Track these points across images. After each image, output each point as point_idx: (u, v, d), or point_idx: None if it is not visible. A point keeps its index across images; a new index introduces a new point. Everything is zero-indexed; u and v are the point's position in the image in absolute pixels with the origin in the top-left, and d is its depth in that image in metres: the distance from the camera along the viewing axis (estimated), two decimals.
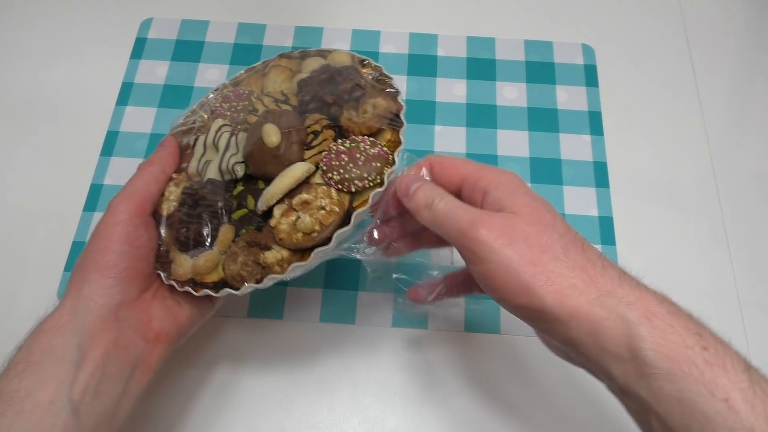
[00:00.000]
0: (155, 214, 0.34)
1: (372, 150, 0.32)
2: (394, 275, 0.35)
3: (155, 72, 0.53)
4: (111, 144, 0.49)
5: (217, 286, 0.32)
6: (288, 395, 0.40)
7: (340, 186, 0.32)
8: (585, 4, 0.57)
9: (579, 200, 0.47)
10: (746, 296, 0.44)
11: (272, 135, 0.32)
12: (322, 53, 0.39)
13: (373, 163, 0.32)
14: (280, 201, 0.32)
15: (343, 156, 0.32)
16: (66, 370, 0.27)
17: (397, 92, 0.35)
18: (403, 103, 0.35)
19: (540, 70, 0.53)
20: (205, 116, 0.37)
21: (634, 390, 0.25)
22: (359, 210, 0.31)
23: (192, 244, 0.33)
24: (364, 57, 0.38)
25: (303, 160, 0.33)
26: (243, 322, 0.43)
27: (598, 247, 0.46)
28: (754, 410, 0.22)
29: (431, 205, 0.30)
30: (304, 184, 0.33)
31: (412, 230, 0.35)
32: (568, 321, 0.26)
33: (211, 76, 0.53)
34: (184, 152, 0.37)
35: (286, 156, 0.33)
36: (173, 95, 0.52)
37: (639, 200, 0.48)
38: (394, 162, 0.33)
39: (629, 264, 0.45)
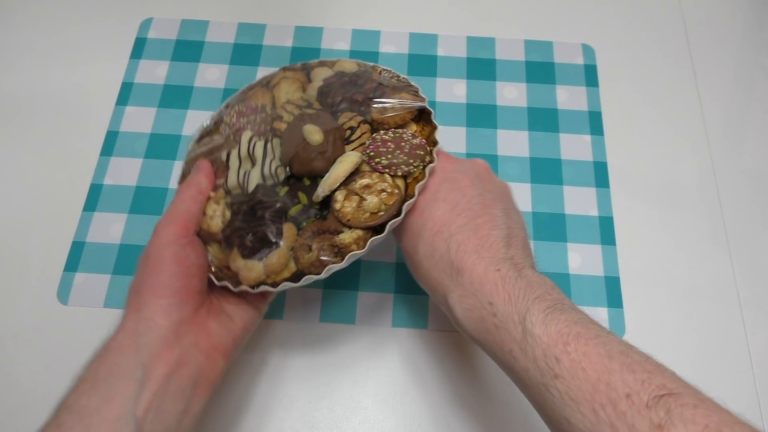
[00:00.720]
0: (201, 233, 0.36)
1: (414, 141, 0.36)
2: None
3: (155, 72, 0.53)
4: (111, 144, 0.49)
5: (296, 277, 0.34)
6: (288, 395, 0.40)
7: (387, 170, 0.35)
8: (585, 4, 0.57)
9: (579, 200, 0.47)
10: (746, 296, 0.44)
11: (315, 134, 0.35)
12: (326, 63, 0.41)
13: (417, 152, 0.35)
14: (337, 188, 0.35)
15: (389, 144, 0.35)
16: (130, 389, 0.28)
17: (417, 88, 0.38)
18: (425, 96, 0.37)
19: (540, 70, 0.53)
20: (223, 136, 0.39)
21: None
22: (409, 201, 0.34)
23: (259, 247, 0.34)
24: (372, 63, 0.40)
25: (342, 152, 0.36)
26: None
27: (598, 247, 0.46)
28: (545, 327, 0.27)
29: None
30: (356, 172, 0.35)
31: None
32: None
33: (211, 76, 0.53)
34: (215, 171, 0.38)
35: (331, 152, 0.35)
36: (173, 95, 0.52)
37: (639, 200, 0.48)
38: (435, 146, 0.36)
39: (629, 264, 0.45)
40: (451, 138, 0.50)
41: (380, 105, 0.36)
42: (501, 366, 0.30)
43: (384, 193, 0.34)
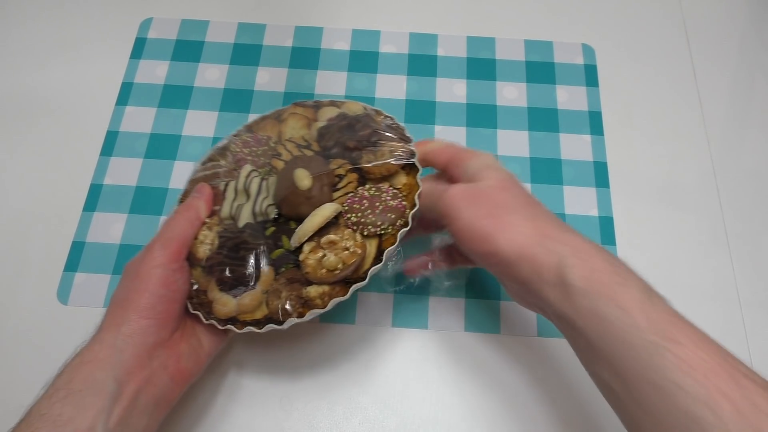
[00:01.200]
0: (190, 257, 0.37)
1: (392, 202, 0.36)
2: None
3: (155, 72, 0.53)
4: (111, 144, 0.49)
5: (260, 323, 0.35)
6: (288, 395, 0.40)
7: (354, 227, 0.36)
8: (585, 4, 0.57)
9: (579, 200, 0.47)
10: (746, 296, 0.44)
11: (304, 179, 0.36)
12: (336, 103, 0.42)
13: (389, 214, 0.35)
14: (310, 239, 0.35)
15: (365, 201, 0.36)
16: (104, 401, 0.30)
17: (410, 139, 0.38)
18: (416, 149, 0.38)
19: (540, 69, 0.53)
20: (227, 162, 0.40)
21: (563, 312, 0.30)
22: (389, 248, 0.35)
23: (236, 284, 0.35)
24: (376, 108, 0.41)
25: (332, 200, 0.37)
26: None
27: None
28: (644, 314, 0.28)
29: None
30: (333, 224, 0.36)
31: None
32: (517, 260, 0.31)
33: (211, 76, 0.53)
34: (214, 196, 0.39)
35: (318, 198, 0.36)
36: (173, 95, 0.52)
37: (639, 200, 0.48)
38: (413, 207, 0.36)
39: (629, 263, 0.45)
40: (451, 138, 0.49)
41: (369, 154, 0.37)
42: (598, 319, 0.29)
43: (346, 252, 0.34)
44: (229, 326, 0.35)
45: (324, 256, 0.35)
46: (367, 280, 0.34)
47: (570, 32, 0.56)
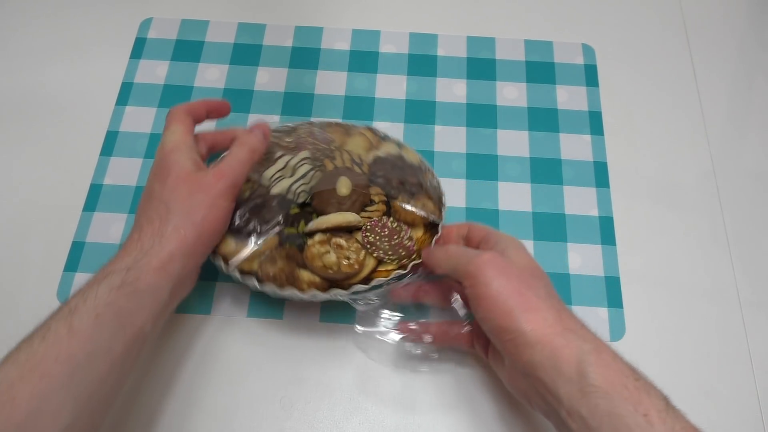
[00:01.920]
0: None
1: (407, 242, 0.40)
2: (384, 311, 0.41)
3: (155, 72, 0.53)
4: (111, 144, 0.49)
5: (243, 273, 0.39)
6: (288, 395, 0.40)
7: (368, 245, 0.39)
8: (585, 4, 0.57)
9: (579, 200, 0.47)
10: (746, 296, 0.44)
11: (344, 187, 0.41)
12: (401, 145, 0.45)
13: (400, 250, 0.39)
14: (323, 231, 0.39)
15: (385, 230, 0.40)
16: (158, 305, 0.35)
17: (443, 205, 0.42)
18: (444, 215, 0.41)
19: (540, 69, 0.53)
20: (290, 140, 0.44)
21: (576, 409, 0.29)
22: (379, 278, 0.38)
23: (244, 232, 0.40)
24: (430, 166, 0.44)
25: (360, 216, 0.40)
26: (243, 323, 0.43)
27: (598, 247, 0.46)
28: (665, 425, 0.28)
29: (446, 249, 0.38)
30: (347, 233, 0.40)
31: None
32: (535, 344, 0.31)
33: (211, 76, 0.53)
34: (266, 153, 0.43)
35: (347, 207, 0.40)
36: (173, 95, 0.52)
37: (639, 200, 0.48)
38: (418, 258, 0.39)
39: (629, 264, 0.45)
40: (451, 138, 0.50)
41: (405, 197, 0.41)
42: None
43: (346, 260, 0.38)
44: (219, 263, 0.39)
45: (327, 252, 0.38)
46: (347, 292, 0.38)
47: (570, 32, 0.56)
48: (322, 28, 0.55)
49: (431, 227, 0.41)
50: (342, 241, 0.39)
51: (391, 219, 0.41)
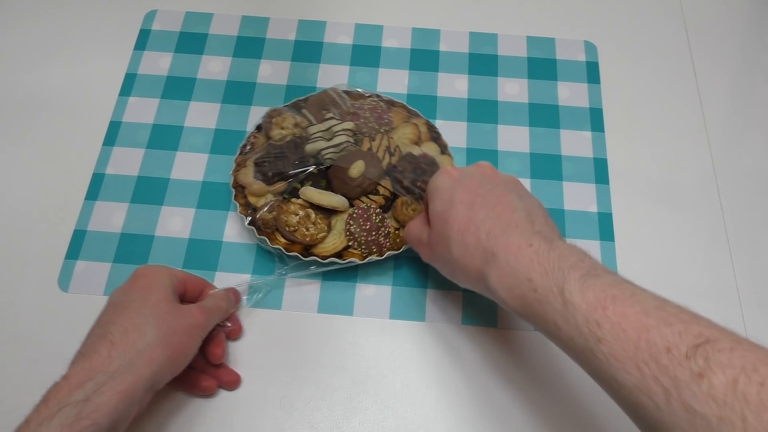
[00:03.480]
0: (268, 126, 0.47)
1: (382, 239, 0.43)
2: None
3: (158, 63, 0.53)
4: (113, 134, 0.50)
5: (248, 207, 0.44)
6: (288, 395, 0.40)
7: (348, 234, 0.43)
8: (587, 2, 0.57)
9: (578, 196, 0.47)
10: (746, 296, 0.44)
11: (356, 169, 0.43)
12: (444, 149, 0.47)
13: (373, 247, 0.42)
14: (309, 204, 0.43)
15: (368, 223, 0.43)
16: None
17: None
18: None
19: (542, 66, 0.53)
20: (349, 105, 0.47)
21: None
22: (352, 258, 0.42)
23: (261, 171, 0.45)
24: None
25: (357, 199, 0.44)
26: (243, 315, 0.43)
27: (597, 242, 0.46)
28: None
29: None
30: (326, 210, 0.43)
31: None
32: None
33: (214, 68, 0.53)
34: (324, 106, 0.47)
35: (350, 188, 0.43)
36: (176, 87, 0.52)
37: (638, 197, 0.48)
38: (380, 255, 0.43)
39: (628, 261, 0.45)
40: (451, 133, 0.50)
41: (409, 199, 0.43)
42: (547, 336, 0.31)
43: (305, 230, 0.42)
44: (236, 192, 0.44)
45: (296, 214, 0.42)
46: (323, 261, 0.42)
47: (572, 29, 0.56)
48: (325, 22, 0.56)
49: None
50: (312, 214, 0.43)
51: (376, 213, 0.43)
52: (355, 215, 0.43)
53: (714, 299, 0.44)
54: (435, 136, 0.47)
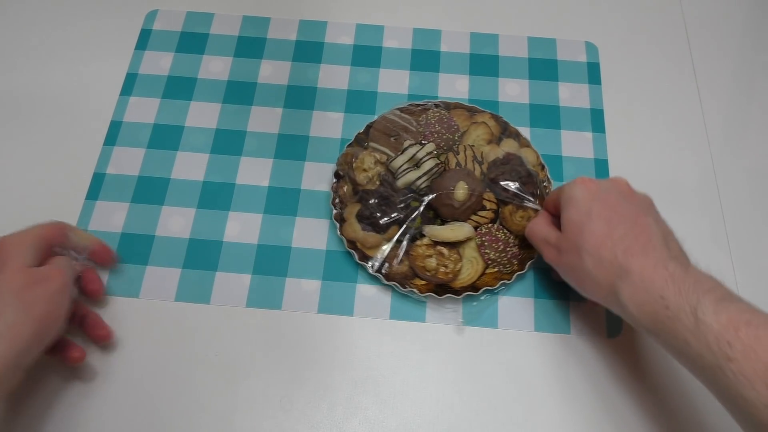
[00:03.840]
0: (350, 174, 0.46)
1: (514, 248, 0.44)
2: None
3: (159, 63, 0.53)
4: (114, 134, 0.50)
5: (366, 257, 0.43)
6: (288, 395, 0.40)
7: (489, 262, 0.43)
8: (589, 2, 0.57)
9: None
10: (746, 296, 0.44)
11: (461, 192, 0.43)
12: (519, 138, 0.47)
13: (513, 259, 0.43)
14: (434, 241, 0.43)
15: (499, 243, 0.43)
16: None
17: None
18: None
19: (543, 66, 0.53)
20: (417, 124, 0.48)
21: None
22: (486, 286, 0.42)
23: (368, 222, 0.43)
24: (545, 164, 0.47)
25: (469, 219, 0.44)
26: (242, 315, 0.43)
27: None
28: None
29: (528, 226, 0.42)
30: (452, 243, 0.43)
31: None
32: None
33: (214, 68, 0.53)
34: (391, 132, 0.47)
35: (460, 211, 0.43)
36: (177, 87, 0.52)
37: None
38: (531, 259, 0.43)
39: None
40: None
41: (513, 207, 0.44)
42: (674, 354, 0.33)
43: (443, 268, 0.42)
44: (351, 250, 0.43)
45: (430, 256, 0.42)
46: (459, 297, 0.42)
47: (573, 30, 0.56)
48: (326, 22, 0.56)
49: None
50: (444, 250, 0.43)
51: (497, 229, 0.44)
52: (486, 242, 0.43)
53: None
54: (504, 126, 0.48)
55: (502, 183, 0.44)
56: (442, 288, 0.42)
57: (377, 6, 0.57)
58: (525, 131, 0.50)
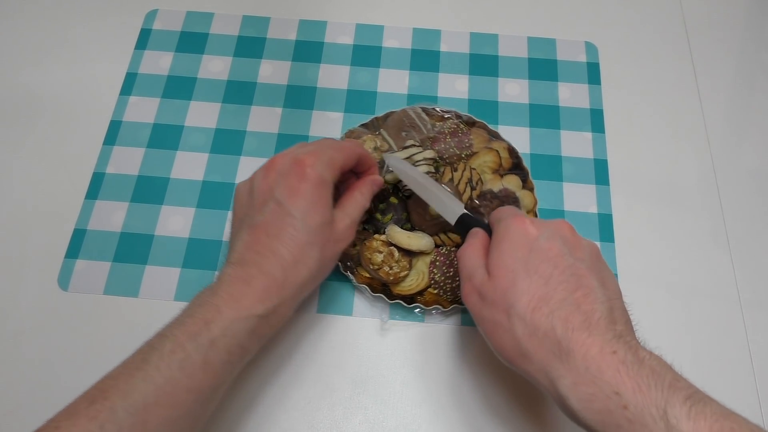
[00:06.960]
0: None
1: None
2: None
3: (159, 63, 0.53)
4: (114, 133, 0.50)
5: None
6: (288, 395, 0.40)
7: (432, 282, 0.42)
8: (589, 2, 0.57)
9: (578, 197, 0.47)
10: (746, 296, 0.44)
11: (433, 208, 0.42)
12: (524, 180, 0.46)
13: (458, 292, 0.41)
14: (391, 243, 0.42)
15: (451, 269, 0.42)
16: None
17: None
18: None
19: (543, 66, 0.53)
20: (429, 129, 0.47)
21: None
22: (437, 306, 0.42)
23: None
24: (537, 211, 0.45)
25: (435, 235, 0.43)
26: None
27: (597, 243, 0.46)
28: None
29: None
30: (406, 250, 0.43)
31: None
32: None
33: (214, 68, 0.53)
34: (403, 127, 0.47)
35: (428, 225, 0.43)
36: (177, 86, 0.52)
37: (639, 198, 0.48)
38: None
39: (629, 263, 0.45)
40: None
41: None
42: None
43: (388, 268, 0.41)
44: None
45: (380, 252, 0.42)
46: (390, 301, 0.42)
47: (573, 30, 0.56)
48: (326, 22, 0.56)
49: None
50: (395, 252, 0.42)
51: (456, 250, 0.42)
52: (438, 263, 0.42)
53: (714, 299, 0.44)
54: (516, 162, 0.46)
55: (481, 212, 0.43)
56: (385, 287, 0.42)
57: (377, 6, 0.57)
58: (525, 131, 0.50)
